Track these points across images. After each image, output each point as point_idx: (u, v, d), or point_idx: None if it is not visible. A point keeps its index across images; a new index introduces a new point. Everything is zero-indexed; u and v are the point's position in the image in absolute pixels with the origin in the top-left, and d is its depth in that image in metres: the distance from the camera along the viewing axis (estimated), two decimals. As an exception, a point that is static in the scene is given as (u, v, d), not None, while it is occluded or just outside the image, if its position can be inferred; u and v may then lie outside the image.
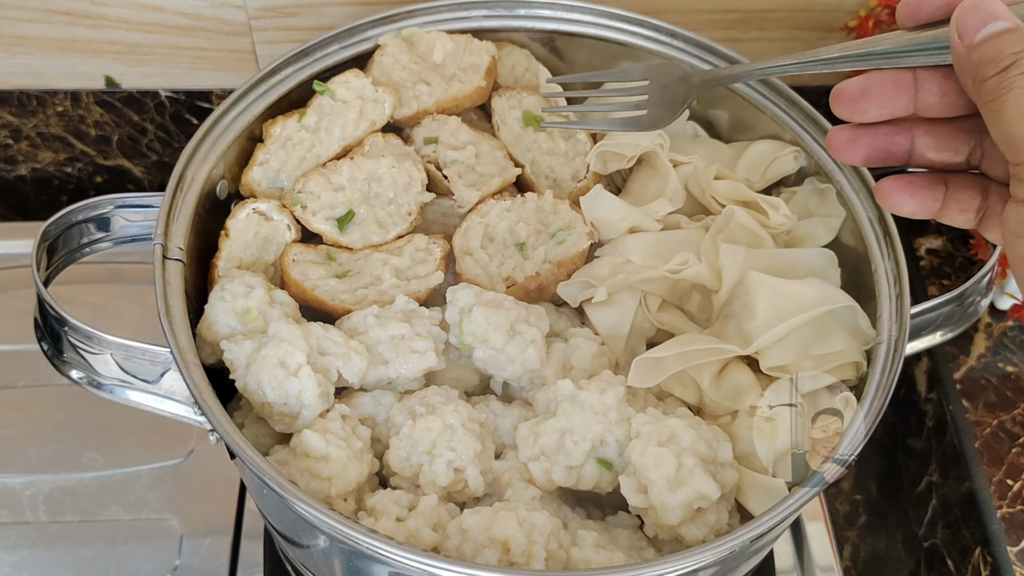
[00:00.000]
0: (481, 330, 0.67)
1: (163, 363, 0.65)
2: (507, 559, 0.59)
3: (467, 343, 0.68)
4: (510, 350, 0.67)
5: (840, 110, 0.56)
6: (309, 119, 0.75)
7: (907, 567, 0.89)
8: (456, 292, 0.69)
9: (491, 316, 0.67)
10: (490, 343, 0.67)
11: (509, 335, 0.67)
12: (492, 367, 0.69)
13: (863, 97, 0.55)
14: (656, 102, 0.69)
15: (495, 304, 0.68)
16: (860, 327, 0.68)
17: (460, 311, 0.68)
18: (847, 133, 0.56)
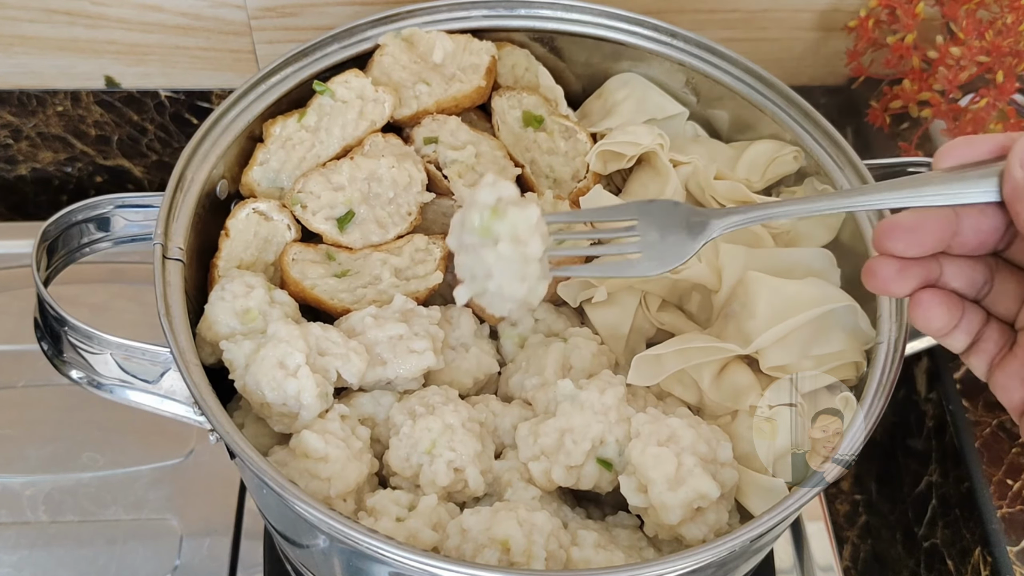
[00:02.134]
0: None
1: (163, 363, 0.65)
2: (507, 559, 0.59)
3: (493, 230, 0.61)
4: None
5: (894, 243, 0.55)
6: (309, 119, 0.75)
7: (907, 567, 0.89)
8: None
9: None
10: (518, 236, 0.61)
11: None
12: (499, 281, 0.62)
13: (918, 231, 0.54)
14: (654, 245, 0.62)
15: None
16: (860, 327, 0.68)
17: (499, 200, 0.60)
18: (896, 265, 0.55)
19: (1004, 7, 0.87)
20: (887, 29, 0.94)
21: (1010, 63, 0.85)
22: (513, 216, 0.59)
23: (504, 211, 0.59)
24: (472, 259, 0.60)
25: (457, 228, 0.61)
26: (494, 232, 0.59)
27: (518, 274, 0.60)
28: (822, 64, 1.03)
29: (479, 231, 0.60)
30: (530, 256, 0.60)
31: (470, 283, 0.61)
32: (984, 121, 0.86)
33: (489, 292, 0.61)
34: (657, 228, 0.62)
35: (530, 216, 0.59)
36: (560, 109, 0.81)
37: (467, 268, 0.61)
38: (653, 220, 0.62)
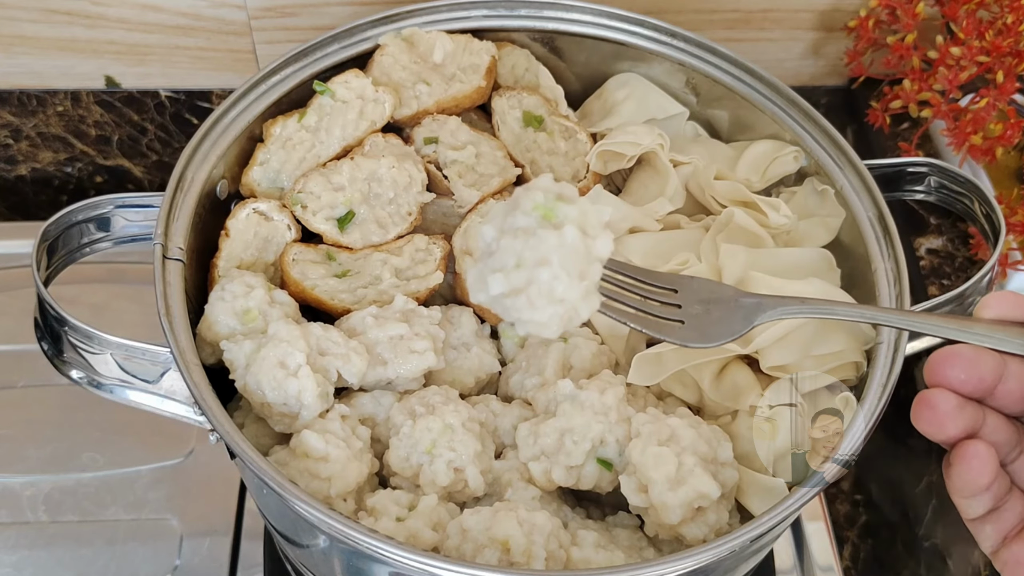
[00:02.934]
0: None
1: (163, 363, 0.65)
2: (507, 559, 0.59)
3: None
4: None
5: (954, 371, 0.52)
6: (309, 119, 0.75)
7: (907, 567, 0.89)
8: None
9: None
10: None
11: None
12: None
13: (978, 362, 0.52)
14: (697, 317, 0.60)
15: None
16: (860, 327, 0.68)
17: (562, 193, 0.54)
18: (955, 400, 0.52)
19: (1004, 7, 0.87)
20: (887, 29, 0.94)
21: (1010, 63, 0.85)
22: (584, 205, 0.52)
23: (572, 199, 0.52)
24: (521, 243, 0.51)
25: (500, 213, 0.53)
26: (559, 215, 0.52)
27: (579, 268, 0.51)
28: (822, 64, 1.04)
29: (541, 211, 0.51)
30: (596, 254, 0.52)
31: (511, 272, 0.52)
32: (984, 121, 0.86)
33: (536, 285, 0.51)
34: (699, 302, 0.60)
35: (603, 212, 0.53)
36: (560, 109, 0.81)
37: (510, 254, 0.52)
38: (695, 294, 0.61)
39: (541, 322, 0.52)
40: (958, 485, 0.52)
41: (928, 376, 0.53)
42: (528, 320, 0.51)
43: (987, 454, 0.51)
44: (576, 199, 0.52)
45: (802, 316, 0.60)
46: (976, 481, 0.51)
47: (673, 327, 0.60)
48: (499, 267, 0.52)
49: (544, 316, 0.51)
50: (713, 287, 0.62)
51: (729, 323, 0.59)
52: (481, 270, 0.53)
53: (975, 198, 0.74)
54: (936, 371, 0.52)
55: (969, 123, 0.87)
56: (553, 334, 0.53)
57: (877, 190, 0.72)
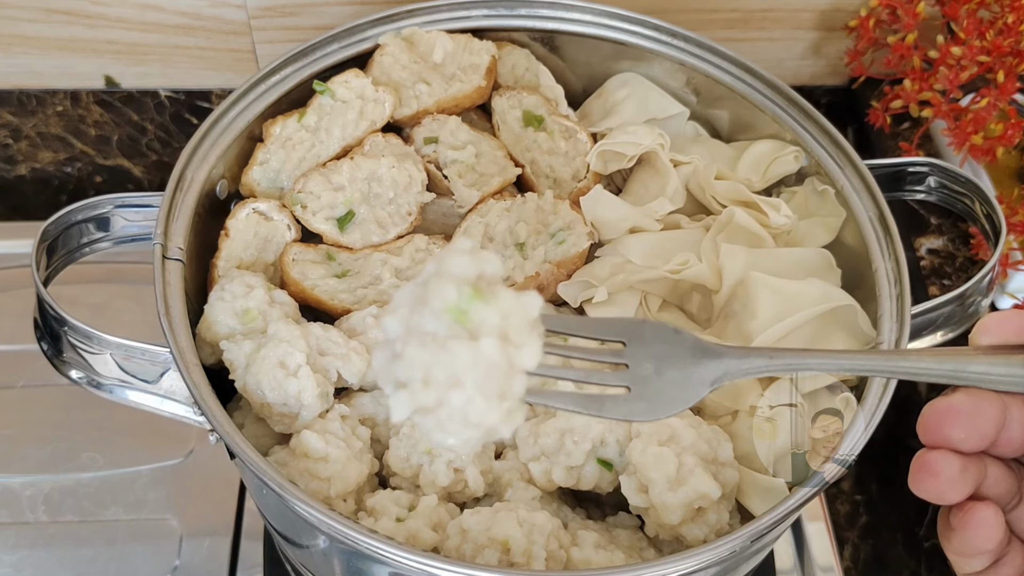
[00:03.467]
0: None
1: (163, 363, 0.65)
2: (507, 559, 0.59)
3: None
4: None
5: (954, 430, 0.46)
6: (309, 119, 0.75)
7: (908, 567, 0.89)
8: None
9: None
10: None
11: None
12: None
13: (978, 417, 0.46)
14: (647, 381, 0.49)
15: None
16: (860, 327, 0.68)
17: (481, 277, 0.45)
18: (959, 463, 0.46)
19: (1005, 7, 0.87)
20: (888, 29, 0.94)
21: (1011, 63, 0.85)
22: (507, 303, 0.43)
23: (493, 293, 0.43)
24: (430, 356, 0.42)
25: (404, 304, 0.44)
26: (474, 320, 0.42)
27: (498, 388, 0.43)
28: (823, 64, 1.03)
29: (451, 314, 0.42)
30: (520, 366, 0.43)
31: (418, 391, 0.43)
32: (985, 121, 0.86)
33: (446, 409, 0.43)
34: (652, 359, 0.50)
35: (531, 308, 0.43)
36: (560, 109, 0.81)
37: (416, 366, 0.43)
38: (646, 348, 0.50)
39: (453, 445, 0.44)
40: (960, 549, 0.47)
41: (925, 436, 0.47)
42: (439, 442, 0.44)
43: (994, 519, 0.46)
44: (497, 292, 0.43)
45: (769, 373, 0.51)
46: (982, 547, 0.47)
47: (616, 401, 0.49)
48: (404, 379, 0.43)
49: (457, 441, 0.44)
50: (668, 336, 0.51)
51: (683, 388, 0.49)
52: (383, 365, 0.45)
53: (976, 198, 0.73)
54: (933, 431, 0.46)
55: (970, 123, 0.87)
56: (468, 452, 0.50)
57: (878, 190, 0.72)
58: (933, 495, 0.47)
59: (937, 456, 0.46)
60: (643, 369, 0.49)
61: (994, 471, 0.48)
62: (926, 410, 0.47)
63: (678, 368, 0.50)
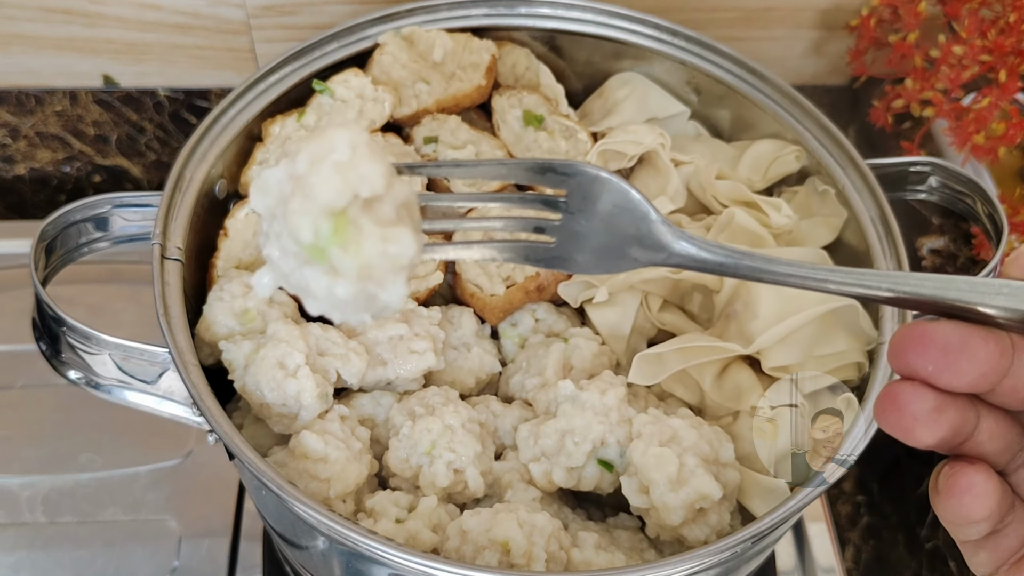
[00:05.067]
0: None
1: (161, 363, 0.65)
2: (507, 560, 0.59)
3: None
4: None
5: (924, 360, 0.39)
6: (308, 118, 0.74)
7: (909, 568, 0.89)
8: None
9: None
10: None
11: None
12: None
13: (963, 352, 0.39)
14: (576, 236, 0.45)
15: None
16: (862, 327, 0.68)
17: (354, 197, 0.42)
18: (933, 401, 0.39)
19: (1007, 6, 0.87)
20: (889, 28, 0.94)
21: (1013, 62, 0.85)
22: (369, 251, 0.39)
23: (357, 229, 0.38)
24: (286, 265, 0.41)
25: (272, 193, 0.41)
26: (331, 259, 0.39)
27: (358, 308, 0.41)
28: (824, 63, 1.03)
29: (308, 250, 0.39)
30: (384, 302, 0.41)
31: (280, 278, 0.43)
32: (987, 121, 0.86)
33: (310, 297, 0.42)
34: (590, 217, 0.45)
35: (399, 257, 0.39)
36: (561, 108, 0.81)
37: (277, 265, 0.42)
38: (591, 204, 0.44)
39: (328, 312, 0.42)
40: (947, 517, 0.42)
41: (892, 361, 0.40)
42: (314, 308, 0.42)
43: (985, 485, 0.40)
44: (363, 232, 0.39)
45: (722, 273, 0.46)
46: (970, 516, 0.41)
47: (534, 248, 0.44)
48: (270, 257, 0.42)
49: (334, 313, 0.42)
50: (618, 196, 0.44)
51: (608, 257, 0.44)
52: (262, 235, 0.43)
53: (977, 198, 0.73)
54: (901, 357, 0.40)
55: (971, 122, 0.87)
56: (356, 322, 0.44)
57: (879, 189, 0.71)
58: (898, 430, 0.40)
59: (907, 387, 0.39)
60: (578, 225, 0.44)
61: (991, 423, 0.41)
62: (896, 333, 0.40)
63: (616, 234, 0.44)
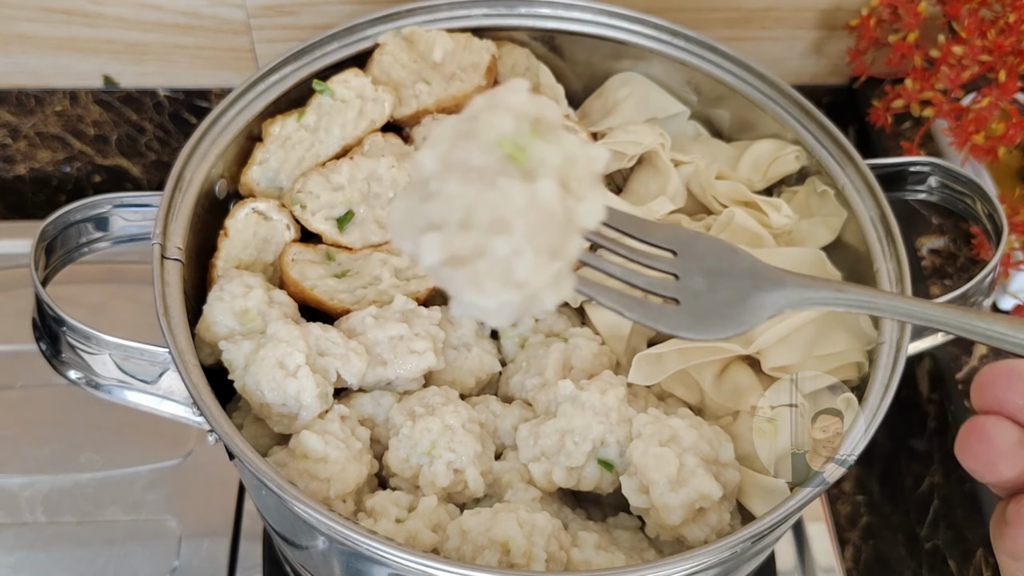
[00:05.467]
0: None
1: (162, 363, 0.65)
2: (507, 560, 0.59)
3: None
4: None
5: (1013, 394, 0.40)
6: (308, 118, 0.74)
7: (909, 568, 0.89)
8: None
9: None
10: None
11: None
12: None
13: None
14: (698, 296, 0.45)
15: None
16: (862, 327, 0.68)
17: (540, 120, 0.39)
18: (1018, 435, 0.40)
19: (1006, 6, 0.87)
20: (889, 28, 0.94)
21: (1012, 62, 0.85)
22: (570, 145, 0.37)
23: (555, 132, 0.37)
24: (473, 193, 0.36)
25: (444, 139, 0.38)
26: (532, 158, 0.36)
27: (551, 242, 0.36)
28: (824, 63, 1.03)
29: (505, 147, 0.35)
30: (579, 223, 0.37)
31: (454, 233, 0.36)
32: (986, 121, 0.86)
33: (488, 259, 0.36)
34: (705, 274, 0.46)
35: (597, 158, 0.38)
36: (560, 108, 0.81)
37: (456, 205, 0.36)
38: (699, 261, 0.46)
39: (486, 308, 0.37)
40: (1015, 550, 0.41)
41: (978, 398, 0.42)
42: (469, 303, 0.37)
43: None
44: (560, 132, 0.37)
45: (834, 307, 0.47)
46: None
47: (663, 311, 0.45)
48: (438, 220, 0.36)
49: (492, 303, 0.37)
50: (724, 252, 0.47)
51: (738, 310, 0.45)
52: (411, 210, 0.38)
53: (977, 198, 0.73)
54: (987, 392, 0.41)
55: (971, 122, 0.87)
56: (500, 324, 0.40)
57: (879, 189, 0.71)
58: (983, 464, 0.41)
59: (992, 421, 0.40)
60: (694, 283, 0.45)
61: None
62: (984, 370, 0.42)
63: (733, 288, 0.45)
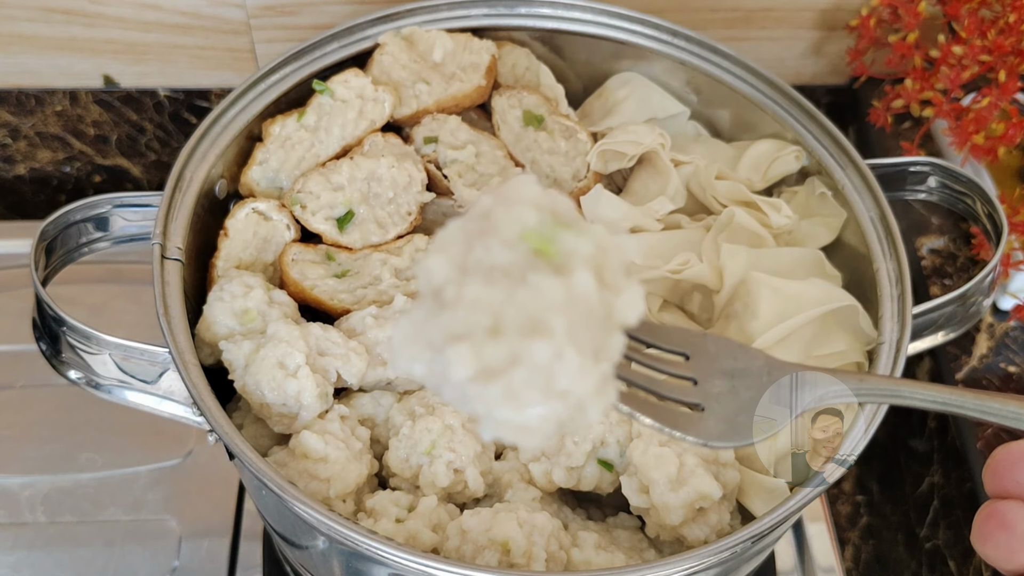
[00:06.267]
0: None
1: (162, 363, 0.65)
2: (507, 560, 0.59)
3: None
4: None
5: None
6: (308, 118, 0.74)
7: (909, 568, 0.89)
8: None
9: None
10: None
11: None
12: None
13: None
14: (721, 400, 0.43)
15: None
16: (862, 327, 0.68)
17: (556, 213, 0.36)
18: None
19: (1006, 6, 0.87)
20: (889, 28, 0.94)
21: (1012, 62, 0.85)
22: (598, 234, 0.34)
23: (579, 225, 0.34)
24: (501, 293, 0.32)
25: (454, 241, 0.34)
26: (562, 249, 0.32)
27: (594, 340, 0.33)
28: (824, 63, 1.03)
29: (531, 242, 0.32)
30: (618, 317, 0.33)
31: (485, 343, 0.32)
32: (986, 121, 0.86)
33: (524, 369, 0.32)
34: (723, 376, 0.44)
35: (626, 248, 0.34)
36: (561, 108, 0.81)
37: (482, 310, 0.32)
38: (713, 363, 0.44)
39: (524, 426, 0.32)
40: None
41: (993, 482, 0.40)
42: (504, 421, 0.32)
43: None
44: (583, 222, 0.34)
45: (855, 400, 0.46)
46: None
47: (691, 420, 0.43)
48: (461, 330, 0.32)
49: (531, 418, 0.32)
50: (736, 351, 0.45)
51: (748, 411, 0.43)
52: (422, 325, 0.33)
53: (977, 198, 0.73)
54: (1004, 475, 0.39)
55: (971, 122, 0.87)
56: (538, 444, 0.33)
57: (879, 189, 0.71)
58: (1003, 553, 0.39)
59: (1013, 506, 0.39)
60: (714, 386, 0.43)
61: None
62: (997, 452, 0.41)
63: (754, 389, 0.43)
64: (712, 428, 0.43)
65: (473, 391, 0.32)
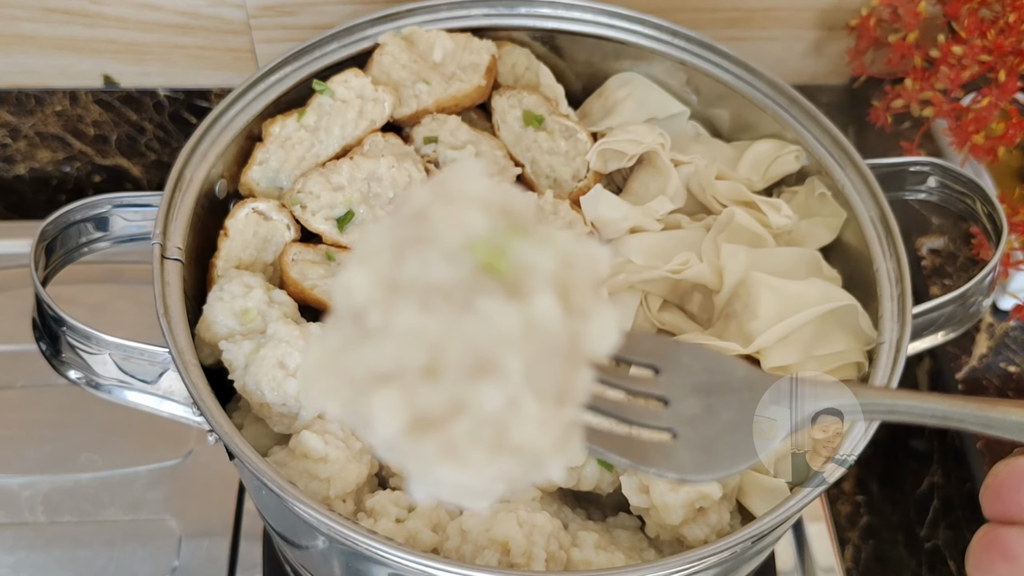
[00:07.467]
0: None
1: (162, 363, 0.65)
2: (507, 560, 0.59)
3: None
4: None
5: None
6: (308, 118, 0.74)
7: (909, 568, 0.89)
8: None
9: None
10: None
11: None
12: None
13: None
14: (696, 424, 0.37)
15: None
16: (861, 327, 0.68)
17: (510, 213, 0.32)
18: None
19: (1006, 6, 0.87)
20: (889, 28, 0.94)
21: (1012, 62, 0.85)
22: (564, 245, 0.27)
23: (538, 231, 0.27)
24: (439, 322, 0.26)
25: (380, 250, 0.27)
26: (517, 264, 0.26)
27: (556, 382, 0.27)
28: (824, 63, 1.03)
29: (480, 253, 0.26)
30: (588, 348, 0.28)
31: (417, 388, 0.26)
32: (986, 121, 0.86)
33: (467, 420, 0.26)
34: (695, 391, 0.37)
35: (597, 260, 0.28)
36: (560, 108, 0.81)
37: (414, 343, 0.26)
38: (687, 377, 0.37)
39: (467, 488, 0.26)
40: None
41: (992, 505, 0.37)
42: (442, 481, 0.26)
43: None
44: (543, 228, 0.28)
45: (852, 417, 0.41)
46: None
47: (661, 450, 0.36)
48: (389, 370, 0.26)
49: (476, 479, 0.26)
50: (711, 362, 0.38)
51: (746, 434, 0.37)
52: (339, 355, 0.27)
53: (977, 198, 0.73)
54: (1006, 498, 0.37)
55: (971, 122, 0.87)
56: (484, 507, 0.28)
57: (879, 189, 0.71)
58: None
59: (1015, 533, 0.36)
60: (687, 406, 0.37)
61: None
62: (999, 470, 0.38)
63: (735, 408, 0.37)
64: (686, 459, 0.36)
65: (403, 445, 0.26)
